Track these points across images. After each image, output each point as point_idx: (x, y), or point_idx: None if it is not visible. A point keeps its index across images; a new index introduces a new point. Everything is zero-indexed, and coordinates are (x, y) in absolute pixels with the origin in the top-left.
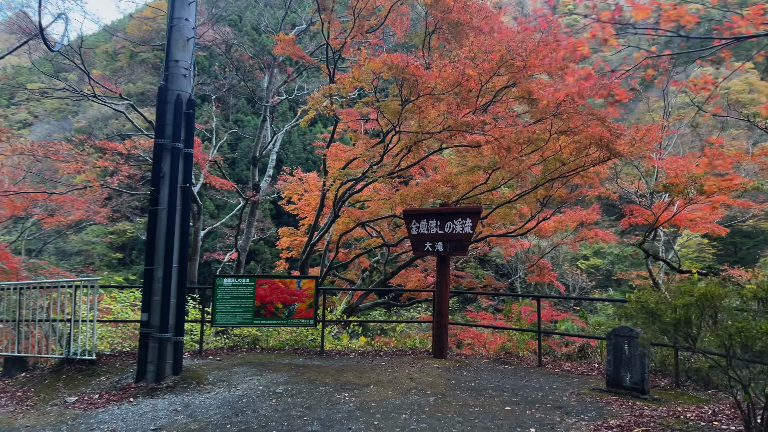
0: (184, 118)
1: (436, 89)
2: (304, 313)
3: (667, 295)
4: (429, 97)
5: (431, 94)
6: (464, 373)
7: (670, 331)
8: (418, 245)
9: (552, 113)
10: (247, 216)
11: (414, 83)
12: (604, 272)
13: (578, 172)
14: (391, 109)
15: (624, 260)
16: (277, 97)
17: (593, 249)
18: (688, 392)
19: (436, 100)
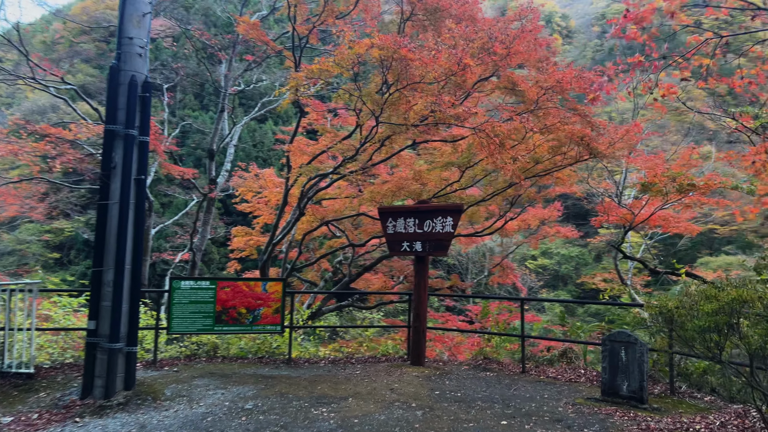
0: (139, 102)
1: (427, 77)
2: (270, 318)
3: (686, 300)
4: (417, 86)
5: (422, 82)
6: (446, 381)
7: (693, 339)
8: (394, 245)
9: (533, 108)
10: (203, 213)
11: (403, 69)
12: (551, 272)
13: (553, 171)
14: (374, 98)
15: (570, 260)
16: (235, 87)
17: (541, 249)
18: (686, 400)
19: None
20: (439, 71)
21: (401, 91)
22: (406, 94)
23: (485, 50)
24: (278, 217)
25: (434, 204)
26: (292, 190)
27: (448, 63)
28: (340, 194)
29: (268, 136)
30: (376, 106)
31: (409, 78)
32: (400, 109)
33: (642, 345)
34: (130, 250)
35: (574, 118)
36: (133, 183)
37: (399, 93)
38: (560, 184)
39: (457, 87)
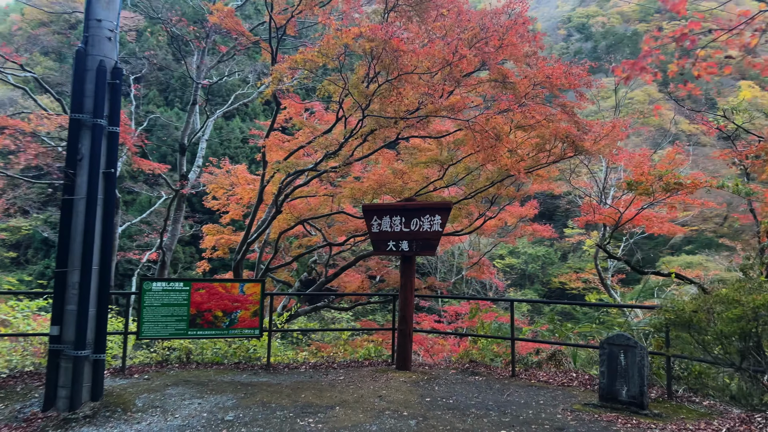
0: (109, 89)
1: (419, 67)
2: (248, 321)
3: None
4: (408, 77)
5: (414, 72)
6: (435, 387)
7: (711, 344)
8: (379, 244)
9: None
10: (174, 211)
11: (393, 59)
12: (519, 271)
13: (537, 169)
14: (361, 89)
15: (537, 260)
16: (207, 80)
17: (508, 249)
18: (684, 404)
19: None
20: (432, 61)
21: (391, 82)
22: (397, 85)
23: (478, 41)
24: (253, 214)
25: (422, 202)
26: (268, 187)
27: (443, 53)
28: (317, 192)
29: (235, 133)
30: (363, 98)
31: (400, 68)
32: (390, 101)
33: (642, 348)
34: (98, 250)
35: (560, 116)
36: (102, 177)
37: (389, 84)
38: (539, 182)
39: (452, 78)
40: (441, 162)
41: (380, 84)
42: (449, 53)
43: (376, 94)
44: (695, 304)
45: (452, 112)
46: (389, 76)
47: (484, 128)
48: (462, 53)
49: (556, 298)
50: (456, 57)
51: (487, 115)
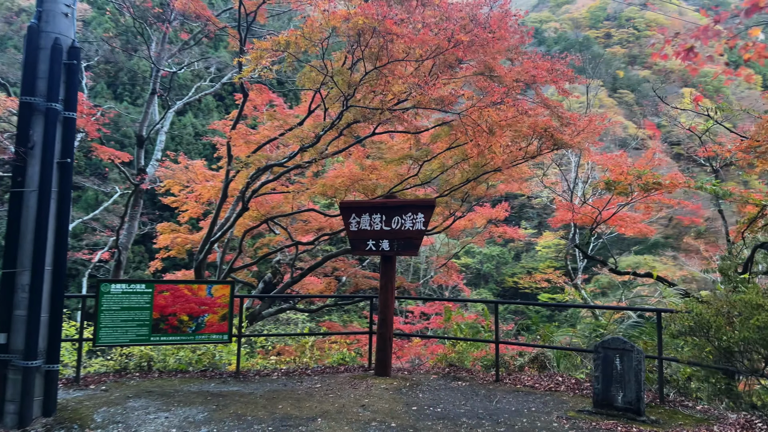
0: (65, 70)
1: (411, 54)
2: (216, 326)
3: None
4: (396, 66)
5: (405, 60)
6: (419, 394)
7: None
8: (358, 243)
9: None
10: (131, 207)
11: (383, 45)
12: (474, 270)
13: (513, 166)
14: (346, 76)
15: (491, 259)
16: (167, 69)
17: (465, 249)
18: (679, 409)
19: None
20: (425, 49)
21: (380, 69)
22: (385, 74)
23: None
24: (217, 211)
25: (404, 199)
26: (233, 182)
27: (437, 39)
28: (286, 189)
29: (188, 129)
30: (347, 86)
31: (390, 55)
32: (377, 91)
33: (639, 352)
34: (52, 249)
35: (539, 110)
36: (56, 167)
37: (376, 72)
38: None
39: (446, 65)
40: (416, 158)
41: (367, 71)
42: (444, 40)
43: (362, 82)
44: (715, 309)
45: (441, 104)
46: (377, 63)
47: (476, 121)
48: (459, 38)
49: (510, 297)
50: (451, 44)
51: (480, 108)
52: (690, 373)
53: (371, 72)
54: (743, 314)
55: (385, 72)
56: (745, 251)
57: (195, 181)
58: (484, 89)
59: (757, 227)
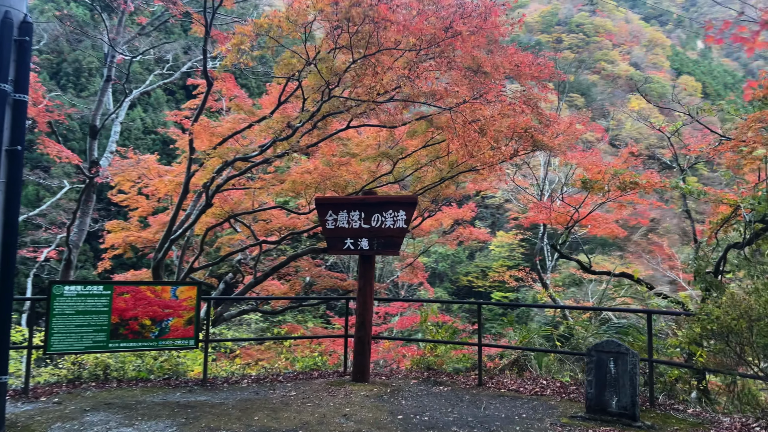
0: (16, 47)
1: (404, 43)
2: (181, 331)
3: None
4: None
5: (397, 49)
6: (402, 401)
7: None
8: (335, 242)
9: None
10: (82, 203)
11: (374, 32)
12: (429, 269)
13: (490, 166)
14: (331, 64)
15: (446, 258)
16: (122, 56)
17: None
18: (671, 413)
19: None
20: (419, 37)
21: (369, 58)
22: (374, 63)
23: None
24: (177, 207)
25: (384, 195)
26: (194, 177)
27: (434, 28)
28: (250, 186)
29: (137, 124)
30: (332, 75)
31: (381, 43)
32: (365, 82)
33: (634, 355)
34: (0, 245)
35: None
36: (5, 155)
37: (365, 60)
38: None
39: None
40: (392, 156)
41: (354, 59)
42: (440, 29)
43: (347, 71)
44: (737, 312)
45: (432, 99)
46: (366, 51)
47: (466, 120)
48: (457, 29)
49: (464, 295)
50: (448, 34)
51: (473, 104)
52: (677, 375)
53: (359, 60)
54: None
55: (373, 61)
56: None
57: (147, 176)
58: (471, 84)
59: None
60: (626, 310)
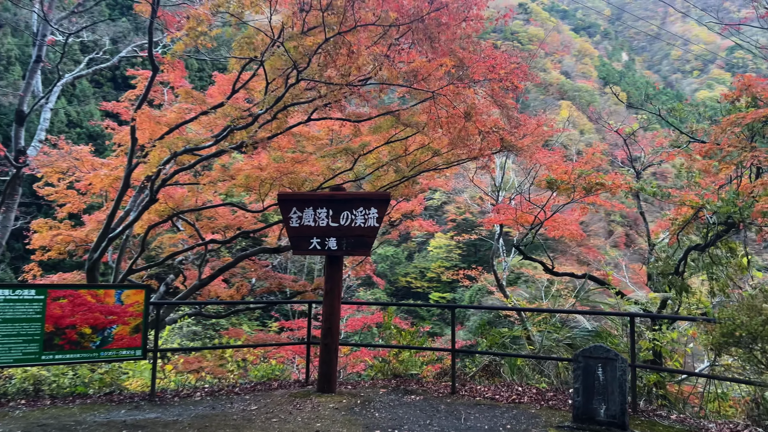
0: None
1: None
2: (126, 340)
3: None
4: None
5: (376, 24)
6: (376, 414)
7: None
8: (300, 242)
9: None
10: (6, 197)
11: (347, 6)
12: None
13: (454, 165)
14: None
15: (386, 259)
16: (53, 37)
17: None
18: (655, 420)
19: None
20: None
21: (343, 35)
22: (349, 42)
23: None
24: (116, 203)
25: (354, 192)
26: (136, 170)
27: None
28: (200, 180)
29: (60, 116)
30: (302, 56)
31: (357, 18)
32: (338, 63)
33: (623, 361)
34: None
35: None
36: None
37: (339, 38)
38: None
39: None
40: (353, 152)
41: (327, 37)
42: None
43: (319, 50)
44: (764, 317)
45: (413, 80)
46: (341, 27)
47: (451, 103)
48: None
49: (403, 296)
50: (432, 7)
51: (458, 87)
52: (655, 379)
53: (331, 39)
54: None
55: (348, 39)
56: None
57: (80, 169)
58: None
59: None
60: (609, 314)
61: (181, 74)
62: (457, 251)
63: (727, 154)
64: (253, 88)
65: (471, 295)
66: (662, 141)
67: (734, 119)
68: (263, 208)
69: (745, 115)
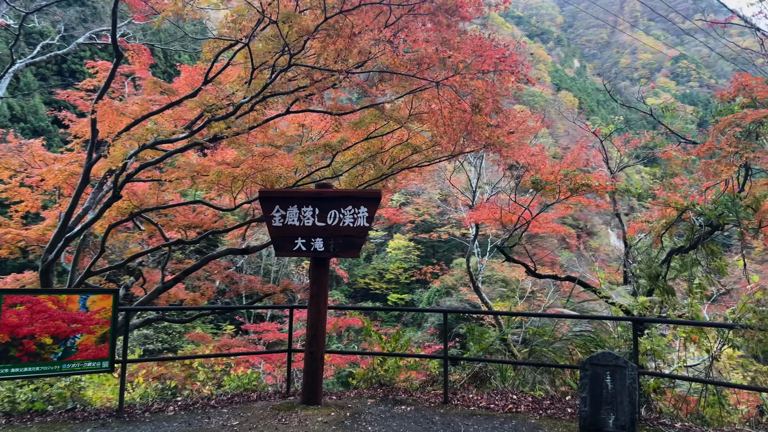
0: None
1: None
2: (92, 350)
3: None
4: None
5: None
6: (369, 427)
7: None
8: (283, 243)
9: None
10: None
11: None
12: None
13: (435, 162)
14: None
15: (344, 261)
16: (4, 20)
17: None
18: (661, 429)
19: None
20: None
21: (346, 14)
22: (352, 22)
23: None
24: (74, 200)
25: (343, 189)
26: (97, 165)
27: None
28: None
29: (3, 110)
30: (299, 37)
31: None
32: (337, 45)
33: (632, 369)
34: None
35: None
36: None
37: (343, 16)
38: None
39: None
40: (333, 147)
41: (328, 16)
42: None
43: (319, 30)
44: None
45: (417, 69)
46: (343, 5)
47: (456, 95)
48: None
49: (361, 298)
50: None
51: (466, 76)
52: (654, 385)
53: (334, 16)
54: None
55: (352, 20)
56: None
57: (32, 165)
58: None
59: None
60: (611, 318)
61: (147, 62)
62: (415, 252)
63: (728, 154)
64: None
65: (429, 296)
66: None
67: (732, 119)
68: (234, 206)
69: (744, 116)
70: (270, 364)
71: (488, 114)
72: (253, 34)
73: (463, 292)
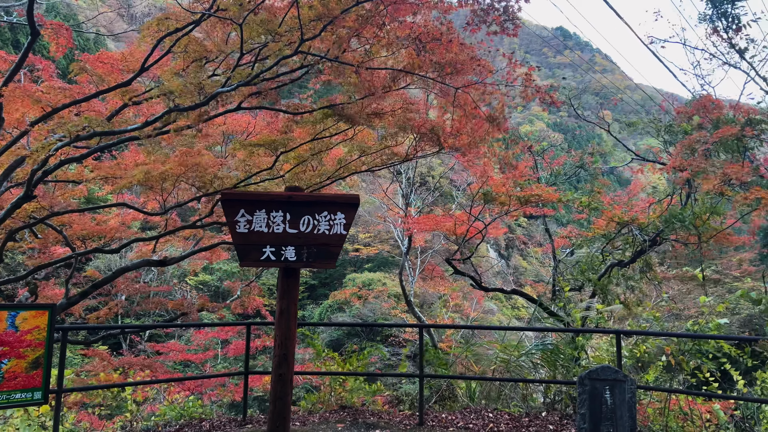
0: None
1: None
2: (22, 378)
3: None
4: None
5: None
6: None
7: None
8: (249, 251)
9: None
10: None
11: None
12: (213, 288)
13: (384, 168)
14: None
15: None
16: None
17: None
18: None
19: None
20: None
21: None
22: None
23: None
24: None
25: (318, 194)
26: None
27: None
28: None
29: None
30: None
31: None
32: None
33: (632, 382)
34: None
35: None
36: None
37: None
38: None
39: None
40: (276, 145)
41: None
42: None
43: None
44: None
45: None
46: None
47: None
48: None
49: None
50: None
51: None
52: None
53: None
54: None
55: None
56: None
57: None
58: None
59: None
60: (598, 331)
61: (67, 44)
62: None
63: (699, 170)
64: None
65: (321, 312)
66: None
67: (698, 137)
68: (165, 209)
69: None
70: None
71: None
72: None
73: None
